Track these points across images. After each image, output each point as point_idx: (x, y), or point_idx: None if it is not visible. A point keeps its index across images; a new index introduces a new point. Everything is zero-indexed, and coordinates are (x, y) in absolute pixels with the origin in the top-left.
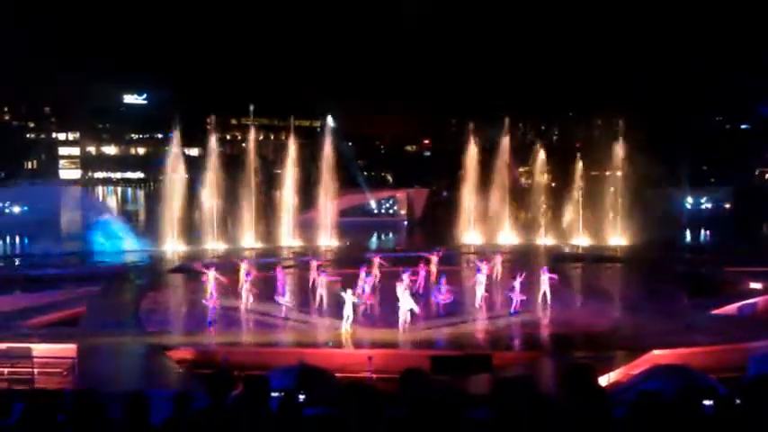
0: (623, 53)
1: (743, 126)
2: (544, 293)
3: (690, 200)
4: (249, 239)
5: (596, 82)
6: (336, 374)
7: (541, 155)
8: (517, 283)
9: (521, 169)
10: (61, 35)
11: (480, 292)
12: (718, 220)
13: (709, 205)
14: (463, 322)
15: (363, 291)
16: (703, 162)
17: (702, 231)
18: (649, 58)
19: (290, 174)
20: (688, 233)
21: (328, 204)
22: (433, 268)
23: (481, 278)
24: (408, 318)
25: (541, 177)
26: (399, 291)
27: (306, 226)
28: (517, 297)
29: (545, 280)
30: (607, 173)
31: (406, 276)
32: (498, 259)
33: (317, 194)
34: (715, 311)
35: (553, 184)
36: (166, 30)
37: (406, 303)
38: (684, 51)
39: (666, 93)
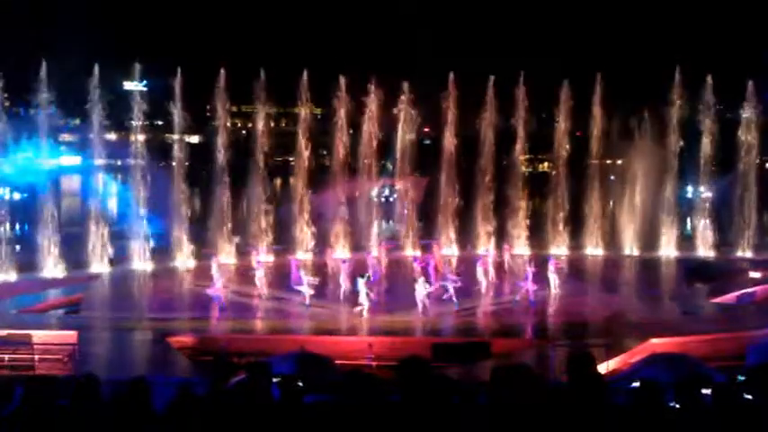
0: (622, 41)
1: (744, 115)
2: (554, 281)
3: (690, 189)
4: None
5: (594, 69)
6: (337, 361)
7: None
8: (530, 274)
9: (521, 157)
10: (61, 22)
11: (483, 280)
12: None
13: (709, 194)
14: (465, 309)
15: (373, 277)
16: (705, 151)
17: (702, 220)
18: (648, 46)
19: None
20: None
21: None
22: (437, 256)
23: (481, 269)
24: (427, 302)
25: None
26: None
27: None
28: (529, 287)
29: (552, 268)
30: (607, 161)
31: (416, 264)
32: (507, 250)
33: (317, 184)
34: (714, 300)
35: (553, 173)
36: (167, 16)
37: (421, 289)
38: (684, 39)
39: (665, 81)
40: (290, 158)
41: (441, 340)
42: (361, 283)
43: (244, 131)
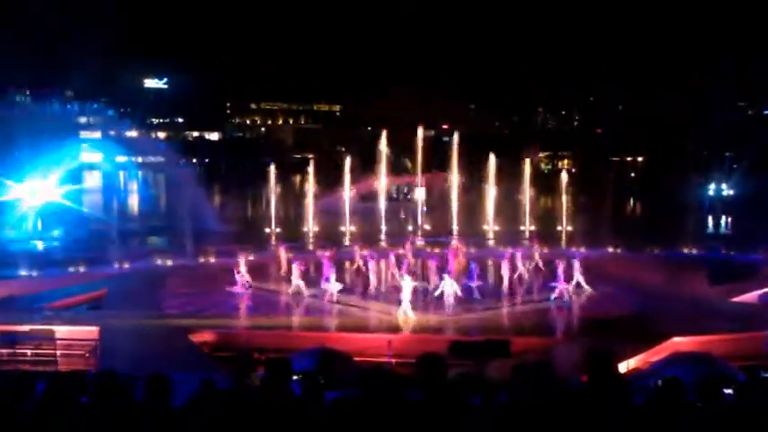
0: (644, 38)
1: (766, 112)
2: (578, 282)
3: (712, 186)
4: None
5: (617, 67)
6: (356, 358)
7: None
8: (560, 271)
9: (541, 154)
10: (83, 20)
11: (506, 277)
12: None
13: (731, 191)
14: (487, 308)
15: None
16: (727, 148)
17: (724, 218)
18: (671, 44)
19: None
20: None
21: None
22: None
23: (505, 265)
24: (451, 301)
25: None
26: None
27: (326, 212)
28: (561, 286)
29: (577, 267)
30: (628, 158)
31: (432, 263)
32: (536, 248)
33: (337, 180)
34: (736, 299)
35: (573, 170)
36: (187, 15)
37: (450, 287)
38: (708, 36)
39: (689, 79)
40: (310, 155)
41: (459, 338)
42: (407, 280)
43: (263, 128)
